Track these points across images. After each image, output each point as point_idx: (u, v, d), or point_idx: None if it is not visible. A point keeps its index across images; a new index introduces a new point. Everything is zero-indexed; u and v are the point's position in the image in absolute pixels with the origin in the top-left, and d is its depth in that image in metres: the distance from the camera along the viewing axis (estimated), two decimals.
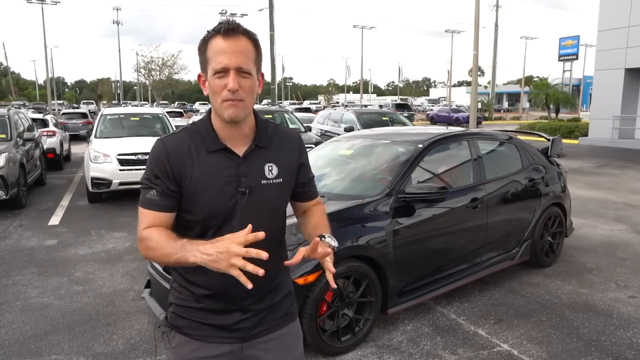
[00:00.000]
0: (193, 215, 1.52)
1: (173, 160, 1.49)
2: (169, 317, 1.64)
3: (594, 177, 11.41)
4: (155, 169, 1.49)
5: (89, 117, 23.28)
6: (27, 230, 6.97)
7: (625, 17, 19.13)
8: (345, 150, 5.16)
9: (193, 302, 1.58)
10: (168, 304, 1.67)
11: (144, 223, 1.50)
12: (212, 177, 1.49)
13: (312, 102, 60.35)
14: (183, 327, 1.60)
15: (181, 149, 1.51)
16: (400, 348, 3.60)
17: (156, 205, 1.50)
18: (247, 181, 1.52)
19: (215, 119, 1.53)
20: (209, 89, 1.48)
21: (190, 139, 1.52)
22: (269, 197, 1.57)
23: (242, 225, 1.38)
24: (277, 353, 1.66)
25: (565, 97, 32.34)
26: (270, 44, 26.99)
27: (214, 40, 1.44)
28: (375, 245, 3.60)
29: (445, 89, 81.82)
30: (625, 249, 5.97)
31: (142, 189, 1.53)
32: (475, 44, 23.27)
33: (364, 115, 13.97)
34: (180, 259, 1.38)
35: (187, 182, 1.49)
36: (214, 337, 1.58)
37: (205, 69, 1.48)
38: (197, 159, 1.50)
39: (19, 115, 10.30)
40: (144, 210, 1.52)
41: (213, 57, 1.43)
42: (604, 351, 3.55)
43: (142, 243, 1.49)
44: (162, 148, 1.51)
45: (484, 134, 5.53)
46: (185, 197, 1.50)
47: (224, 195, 1.50)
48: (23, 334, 3.88)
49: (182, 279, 1.60)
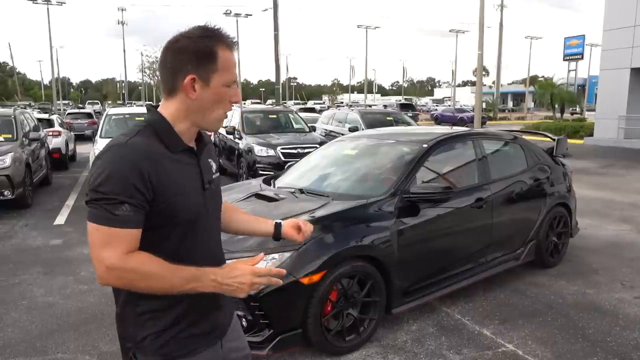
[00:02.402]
0: (173, 221, 1.42)
1: (151, 165, 1.35)
2: (149, 351, 1.47)
3: (599, 177, 11.36)
4: (132, 177, 1.31)
5: (94, 117, 23.37)
6: (32, 230, 7.01)
7: (631, 17, 19.03)
8: (349, 150, 5.17)
9: (174, 321, 1.47)
10: (137, 341, 1.47)
11: (117, 248, 1.31)
12: (184, 177, 1.46)
13: (317, 102, 60.22)
14: (171, 352, 1.48)
15: (152, 151, 1.39)
16: (405, 348, 3.60)
17: (132, 222, 1.33)
18: (207, 177, 1.55)
19: (178, 122, 1.46)
20: (209, 98, 1.44)
21: (151, 140, 1.41)
22: (219, 192, 1.67)
23: (206, 223, 1.52)
24: (240, 336, 1.78)
25: (570, 97, 32.22)
26: (275, 44, 26.97)
27: (223, 50, 1.44)
28: (379, 245, 3.60)
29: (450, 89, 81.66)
30: (630, 249, 5.94)
31: (106, 204, 1.31)
32: (480, 43, 23.23)
33: (368, 115, 13.96)
34: (193, 289, 1.37)
35: (165, 187, 1.38)
36: (200, 346, 1.53)
37: (208, 76, 1.42)
38: (167, 161, 1.42)
39: (24, 115, 10.34)
40: (112, 230, 1.31)
41: (226, 68, 1.44)
42: (609, 352, 3.54)
43: (123, 273, 1.33)
44: (134, 152, 1.35)
45: (488, 133, 5.52)
46: (162, 204, 1.38)
47: (196, 193, 1.49)
48: (29, 332, 3.90)
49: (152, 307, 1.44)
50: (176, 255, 1.42)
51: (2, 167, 7.69)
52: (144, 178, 1.33)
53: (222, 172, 11.85)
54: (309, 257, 3.28)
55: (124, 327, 1.51)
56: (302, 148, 9.62)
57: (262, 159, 9.66)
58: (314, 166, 5.09)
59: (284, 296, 3.18)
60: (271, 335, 3.18)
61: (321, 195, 4.09)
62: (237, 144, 10.59)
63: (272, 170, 8.92)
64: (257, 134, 10.71)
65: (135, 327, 1.47)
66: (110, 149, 1.37)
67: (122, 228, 1.32)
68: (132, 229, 1.34)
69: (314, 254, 3.30)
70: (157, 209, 1.37)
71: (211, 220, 1.58)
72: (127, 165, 1.32)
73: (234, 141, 10.83)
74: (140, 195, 1.33)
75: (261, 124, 11.66)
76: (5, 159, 7.78)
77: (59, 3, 40.84)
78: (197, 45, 1.41)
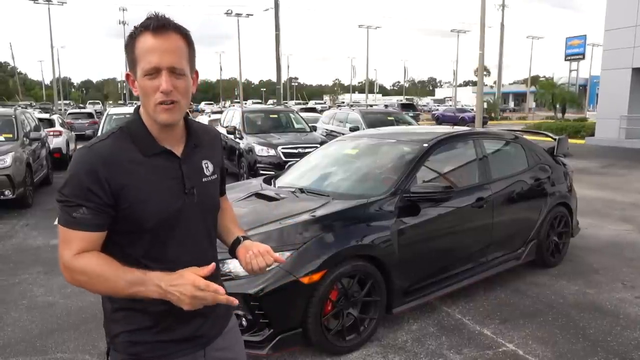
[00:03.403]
0: (139, 227, 1.38)
1: (109, 170, 1.32)
2: (120, 348, 1.46)
3: (600, 177, 11.35)
4: (87, 181, 1.30)
5: (95, 117, 23.35)
6: (33, 230, 7.01)
7: (633, 17, 19.00)
8: (350, 149, 5.16)
9: (148, 322, 1.43)
10: (112, 336, 1.48)
11: (72, 248, 1.33)
12: (154, 182, 1.39)
13: (318, 102, 60.27)
14: (142, 352, 1.45)
15: (115, 155, 1.35)
16: (405, 347, 3.59)
17: (88, 225, 1.33)
18: (191, 181, 1.47)
19: (149, 121, 1.41)
20: (139, 91, 1.37)
21: (123, 144, 1.38)
22: (210, 195, 1.56)
23: (188, 228, 1.45)
24: (232, 347, 1.67)
25: (571, 97, 32.18)
26: (276, 44, 26.99)
27: (142, 37, 1.33)
28: (380, 244, 3.60)
29: (451, 89, 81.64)
30: (632, 249, 5.93)
31: (65, 207, 1.33)
32: (481, 43, 23.22)
33: (369, 115, 13.95)
34: (137, 293, 1.31)
35: (127, 192, 1.34)
36: (177, 352, 1.48)
37: (134, 69, 1.36)
38: (135, 166, 1.37)
39: (25, 115, 10.35)
40: (69, 231, 1.33)
41: (142, 56, 1.33)
42: (610, 351, 3.53)
43: (73, 274, 1.33)
44: (94, 156, 1.33)
45: (489, 133, 5.52)
46: (126, 210, 1.35)
47: (170, 199, 1.41)
48: (29, 332, 3.90)
49: (128, 305, 1.42)
50: (150, 260, 1.40)
51: (3, 166, 7.69)
52: (100, 182, 1.31)
53: None
54: (309, 256, 3.27)
55: (104, 322, 1.52)
56: (303, 148, 9.62)
57: (262, 158, 9.66)
58: (314, 166, 5.09)
59: (284, 295, 3.18)
60: (271, 334, 3.18)
61: (322, 194, 4.09)
62: (238, 144, 10.59)
63: (272, 169, 8.92)
64: (257, 133, 10.72)
65: (111, 322, 1.48)
66: (76, 153, 1.38)
67: (78, 230, 1.33)
68: (88, 231, 1.33)
69: (314, 253, 3.29)
70: (122, 214, 1.35)
71: (196, 224, 1.50)
72: (84, 169, 1.32)
73: (234, 141, 10.84)
74: (98, 199, 1.32)
75: (262, 124, 11.66)
76: (6, 158, 7.79)
77: (60, 3, 40.87)
78: (127, 38, 1.36)
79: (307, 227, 3.44)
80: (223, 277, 3.17)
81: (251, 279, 3.13)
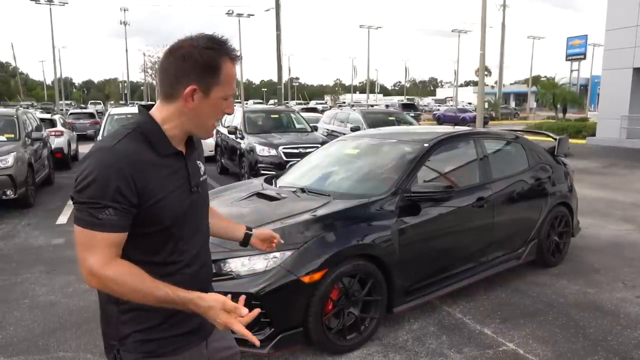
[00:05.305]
0: (159, 224, 1.43)
1: (135, 169, 1.35)
2: (132, 348, 1.48)
3: (601, 177, 11.34)
4: (116, 181, 1.31)
5: (96, 117, 23.41)
6: (35, 229, 7.03)
7: (634, 16, 18.98)
8: (351, 149, 5.17)
9: (158, 320, 1.48)
10: (120, 338, 1.49)
11: (97, 252, 1.33)
12: (171, 182, 1.46)
13: (319, 102, 60.22)
14: (155, 349, 1.50)
15: (138, 155, 1.39)
16: (406, 347, 3.60)
17: (115, 227, 1.34)
18: (194, 180, 1.56)
19: (170, 126, 1.46)
20: (205, 109, 1.44)
21: (139, 144, 1.41)
22: (206, 192, 1.68)
23: (195, 223, 1.57)
24: (225, 336, 1.78)
25: (572, 97, 32.16)
26: (277, 44, 26.98)
27: (227, 63, 1.43)
28: (381, 244, 3.61)
29: (452, 89, 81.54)
30: (632, 249, 5.93)
31: (90, 209, 1.32)
32: (482, 43, 23.23)
33: (370, 115, 13.96)
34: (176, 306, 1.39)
35: (149, 191, 1.38)
36: (186, 344, 1.55)
37: (209, 88, 1.42)
38: (154, 166, 1.42)
39: (27, 115, 10.38)
40: (94, 234, 1.33)
41: (227, 82, 1.44)
42: (610, 351, 3.53)
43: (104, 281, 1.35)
44: (120, 156, 1.35)
45: (490, 133, 5.52)
46: (148, 208, 1.39)
47: (182, 197, 1.49)
48: (31, 331, 3.91)
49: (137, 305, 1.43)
50: (164, 256, 1.47)
51: (5, 166, 7.71)
52: (128, 183, 1.33)
53: (223, 171, 11.90)
54: (310, 255, 3.28)
55: (107, 325, 1.53)
56: (304, 148, 9.62)
57: (263, 158, 9.66)
58: (315, 165, 5.10)
59: (285, 295, 3.19)
60: (272, 333, 3.19)
61: (322, 194, 4.10)
62: (239, 144, 10.60)
63: (273, 169, 8.92)
64: (259, 133, 10.72)
65: (118, 324, 1.49)
66: (97, 153, 1.37)
67: (105, 232, 1.33)
68: (115, 232, 1.35)
69: (315, 252, 3.31)
70: (143, 212, 1.39)
71: (199, 220, 1.61)
72: (111, 170, 1.32)
73: (235, 141, 10.84)
74: (124, 200, 1.33)
75: (263, 124, 11.67)
76: (7, 158, 7.81)
77: (61, 3, 40.82)
78: (202, 55, 1.39)
79: (308, 227, 3.45)
80: (224, 277, 3.20)
81: (252, 278, 3.15)
